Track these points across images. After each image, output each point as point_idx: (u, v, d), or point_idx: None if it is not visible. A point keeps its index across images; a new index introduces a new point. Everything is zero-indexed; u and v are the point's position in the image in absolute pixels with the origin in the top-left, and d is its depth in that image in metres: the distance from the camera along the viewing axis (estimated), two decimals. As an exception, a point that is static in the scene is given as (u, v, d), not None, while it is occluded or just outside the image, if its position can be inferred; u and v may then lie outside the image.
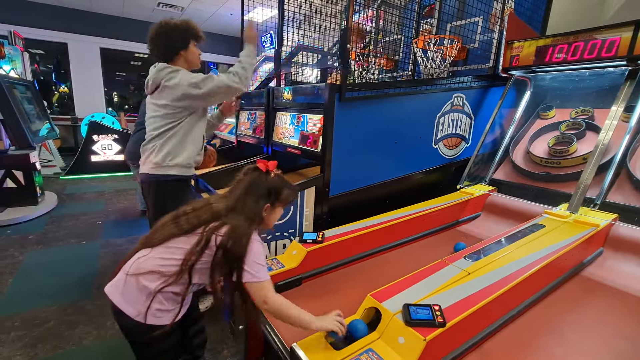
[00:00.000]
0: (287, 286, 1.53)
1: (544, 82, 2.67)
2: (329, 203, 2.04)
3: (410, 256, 1.85)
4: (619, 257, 1.69)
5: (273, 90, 2.55)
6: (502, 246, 1.55)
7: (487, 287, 1.22)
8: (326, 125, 1.94)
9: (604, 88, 2.31)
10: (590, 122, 2.30)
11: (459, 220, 2.26)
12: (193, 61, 1.70)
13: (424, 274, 1.31)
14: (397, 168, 2.36)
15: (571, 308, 1.38)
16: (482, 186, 2.44)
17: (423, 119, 2.41)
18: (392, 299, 1.15)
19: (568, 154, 2.25)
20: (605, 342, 1.19)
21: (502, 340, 1.19)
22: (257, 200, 1.09)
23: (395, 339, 1.02)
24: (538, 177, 2.30)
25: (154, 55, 1.64)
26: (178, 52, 1.63)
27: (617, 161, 1.98)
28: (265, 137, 2.60)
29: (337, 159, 2.00)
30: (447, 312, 1.07)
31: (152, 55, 1.64)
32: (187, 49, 1.65)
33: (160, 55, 1.62)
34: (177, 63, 1.64)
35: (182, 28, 1.62)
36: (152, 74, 1.60)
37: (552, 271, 1.48)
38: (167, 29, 1.60)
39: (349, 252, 1.75)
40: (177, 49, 1.63)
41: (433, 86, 2.38)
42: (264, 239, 1.86)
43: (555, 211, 1.89)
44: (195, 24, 1.68)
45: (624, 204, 1.86)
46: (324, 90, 1.92)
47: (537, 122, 2.59)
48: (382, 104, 2.14)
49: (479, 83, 2.65)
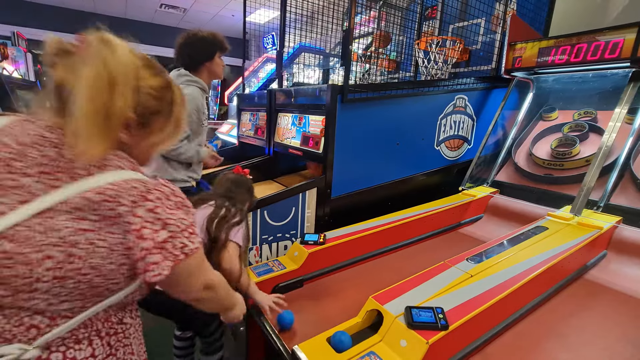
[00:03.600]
0: (289, 288, 1.53)
1: (547, 83, 2.66)
2: (330, 204, 2.04)
3: (412, 258, 1.84)
4: (623, 260, 1.67)
5: (275, 91, 2.55)
6: (504, 248, 1.54)
7: (490, 289, 1.21)
8: (328, 127, 1.94)
9: (607, 90, 2.29)
10: (593, 124, 2.29)
11: (461, 222, 2.25)
12: (216, 72, 1.73)
13: (426, 276, 1.30)
14: (399, 169, 2.35)
15: (575, 312, 1.37)
16: (485, 188, 2.43)
17: (425, 120, 2.41)
18: (394, 301, 1.15)
19: (571, 156, 2.23)
20: (609, 348, 1.18)
21: (505, 343, 1.18)
22: None
23: (397, 341, 1.02)
24: (541, 179, 2.29)
25: (179, 63, 1.67)
26: (202, 63, 1.66)
27: (620, 163, 1.97)
28: (267, 139, 2.60)
29: (339, 160, 2.00)
30: (450, 315, 1.06)
31: (176, 62, 1.68)
32: (212, 61, 1.68)
33: (184, 64, 1.66)
34: (201, 73, 1.68)
35: (209, 40, 1.65)
36: (173, 76, 1.63)
37: (556, 274, 1.47)
38: (194, 40, 1.63)
39: (350, 254, 1.75)
40: (202, 61, 1.66)
41: (435, 87, 2.38)
42: (266, 240, 1.86)
43: (558, 213, 1.88)
44: (222, 35, 1.70)
45: (627, 206, 1.85)
46: (326, 91, 1.92)
47: (540, 124, 2.58)
48: (384, 105, 2.14)
49: (481, 84, 2.65)
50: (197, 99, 1.62)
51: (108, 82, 0.54)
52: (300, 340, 1.08)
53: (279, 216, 1.88)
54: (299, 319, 1.36)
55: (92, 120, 0.53)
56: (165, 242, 0.56)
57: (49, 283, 0.52)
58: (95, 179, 0.54)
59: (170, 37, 7.72)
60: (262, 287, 1.46)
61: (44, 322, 0.54)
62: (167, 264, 0.55)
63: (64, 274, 0.52)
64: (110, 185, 0.54)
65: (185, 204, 0.61)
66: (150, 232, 0.55)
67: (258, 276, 1.50)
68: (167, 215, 0.57)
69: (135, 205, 0.54)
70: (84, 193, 0.52)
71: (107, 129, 0.55)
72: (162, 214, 0.56)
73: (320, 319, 1.33)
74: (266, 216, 1.82)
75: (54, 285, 0.52)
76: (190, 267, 0.61)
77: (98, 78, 0.53)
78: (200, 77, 1.67)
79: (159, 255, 0.55)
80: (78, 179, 0.53)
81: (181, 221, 0.58)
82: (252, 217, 1.78)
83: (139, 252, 0.55)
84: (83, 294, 0.55)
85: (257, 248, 1.84)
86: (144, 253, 0.55)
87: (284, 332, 1.26)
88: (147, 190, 0.56)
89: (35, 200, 0.51)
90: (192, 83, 1.63)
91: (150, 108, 0.62)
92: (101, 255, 0.54)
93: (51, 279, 0.52)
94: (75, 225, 0.52)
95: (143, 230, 0.54)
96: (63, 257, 0.51)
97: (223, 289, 0.76)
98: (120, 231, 0.55)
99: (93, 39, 0.56)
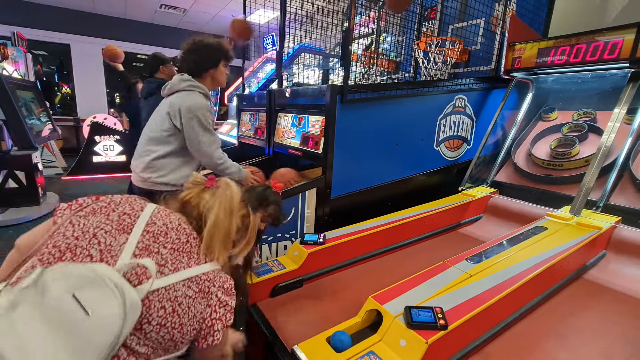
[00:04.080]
0: (288, 288, 1.53)
1: (546, 84, 2.67)
2: (330, 204, 2.04)
3: (411, 258, 1.84)
4: (622, 259, 1.68)
5: (274, 92, 2.55)
6: (504, 248, 1.54)
7: (489, 289, 1.21)
8: (328, 127, 1.94)
9: (607, 90, 2.30)
10: (592, 124, 2.30)
11: (461, 222, 2.25)
12: (219, 80, 1.73)
13: (426, 276, 1.31)
14: (399, 170, 2.36)
15: (574, 312, 1.37)
16: (484, 188, 2.44)
17: (425, 120, 2.41)
18: (394, 301, 1.15)
19: (570, 156, 2.24)
20: (608, 347, 1.18)
21: (505, 343, 1.19)
22: None
23: (396, 341, 1.02)
24: (540, 179, 2.29)
25: (183, 69, 1.66)
26: (207, 70, 1.66)
27: (619, 163, 1.97)
28: (267, 139, 2.60)
29: (339, 160, 2.00)
30: (449, 315, 1.06)
31: (181, 69, 1.67)
32: (217, 68, 1.68)
33: (189, 69, 1.65)
34: (204, 79, 1.67)
35: (215, 47, 1.65)
36: (175, 81, 1.63)
37: (555, 274, 1.47)
38: (200, 46, 1.62)
39: (350, 254, 1.75)
40: (207, 68, 1.66)
41: (434, 88, 2.38)
42: (265, 240, 1.86)
43: (557, 213, 1.88)
44: (228, 44, 1.70)
45: (627, 206, 1.85)
46: (326, 91, 1.92)
47: (539, 124, 2.58)
48: (384, 105, 2.14)
49: (480, 85, 2.65)
50: (204, 102, 1.61)
51: (230, 211, 0.84)
52: (299, 340, 1.08)
53: (278, 216, 1.88)
54: (298, 318, 1.36)
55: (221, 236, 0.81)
56: (223, 316, 0.77)
57: (153, 327, 0.66)
58: (205, 266, 0.77)
59: (170, 38, 7.79)
60: (261, 287, 1.47)
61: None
62: (221, 332, 0.76)
63: (164, 323, 0.67)
64: (209, 273, 0.77)
65: (233, 291, 0.81)
66: (219, 308, 0.76)
67: (258, 276, 1.50)
68: (226, 298, 0.79)
69: (218, 289, 0.77)
70: (200, 274, 0.75)
71: (228, 243, 0.83)
72: (225, 298, 0.78)
73: (319, 318, 1.34)
74: (266, 216, 1.82)
75: (153, 329, 0.66)
76: (224, 337, 0.80)
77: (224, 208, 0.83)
78: (204, 84, 1.66)
79: (220, 325, 0.76)
80: (196, 264, 0.76)
81: (232, 303, 0.80)
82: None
83: (210, 320, 0.74)
84: (162, 343, 0.68)
85: (256, 248, 1.84)
86: (214, 322, 0.75)
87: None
88: (225, 280, 0.80)
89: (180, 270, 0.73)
90: (194, 89, 1.61)
91: (240, 230, 0.88)
92: (189, 317, 0.70)
93: (156, 325, 0.66)
94: (185, 291, 0.71)
95: (216, 307, 0.76)
96: (169, 310, 0.68)
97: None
98: (205, 304, 0.74)
99: (221, 182, 0.88)
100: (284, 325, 1.31)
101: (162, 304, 0.67)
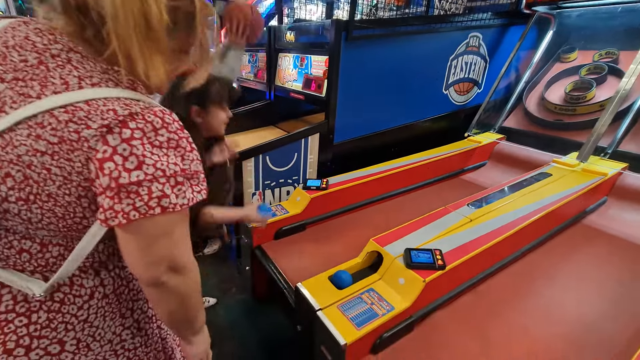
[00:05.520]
0: (291, 231, 1.57)
1: (570, 19, 2.44)
2: (333, 150, 2.01)
3: (413, 203, 1.86)
4: (622, 205, 1.69)
5: (275, 29, 2.37)
6: (505, 194, 1.55)
7: (487, 233, 1.24)
8: (331, 68, 1.83)
9: (635, 27, 2.10)
10: (613, 65, 2.15)
11: (464, 168, 2.23)
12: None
13: (427, 221, 1.33)
14: (405, 115, 2.28)
15: (569, 255, 1.42)
16: (491, 134, 2.38)
17: (435, 61, 2.26)
18: (394, 243, 1.18)
19: (585, 100, 2.13)
20: (600, 288, 1.24)
21: (498, 283, 1.25)
22: None
23: (395, 280, 1.07)
24: (551, 125, 2.21)
25: None
26: None
27: (635, 108, 1.88)
28: (268, 82, 2.48)
29: (343, 104, 1.92)
30: (448, 256, 1.10)
31: None
32: None
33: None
34: None
35: None
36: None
37: (553, 219, 1.49)
38: None
39: (352, 199, 1.77)
40: None
41: (448, 24, 2.19)
42: (268, 185, 1.88)
43: (564, 160, 1.85)
44: None
45: (636, 152, 1.81)
46: (330, 27, 1.78)
47: (556, 66, 2.42)
48: (392, 44, 1.99)
49: (498, 21, 2.43)
50: None
51: None
52: (303, 278, 1.13)
53: (281, 162, 1.87)
54: (301, 260, 1.42)
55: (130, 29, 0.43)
56: (134, 184, 0.43)
57: (16, 205, 0.45)
58: (74, 94, 0.43)
59: None
60: (265, 229, 1.51)
61: (34, 247, 0.50)
62: (133, 214, 0.43)
63: (26, 197, 0.44)
64: (83, 104, 0.42)
65: (182, 144, 0.47)
66: (115, 167, 0.42)
67: (262, 220, 1.54)
68: (148, 151, 0.43)
69: (108, 131, 0.42)
70: (54, 110, 0.42)
71: (153, 43, 0.45)
72: (139, 150, 0.43)
73: (322, 260, 1.39)
74: (268, 162, 1.81)
75: (21, 208, 0.45)
76: (164, 227, 0.47)
77: None
78: None
79: (117, 200, 0.43)
80: (54, 93, 0.43)
81: (169, 165, 0.45)
82: (253, 162, 1.77)
83: (98, 188, 0.44)
84: (53, 223, 0.47)
85: (259, 193, 1.87)
86: (99, 191, 0.44)
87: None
88: (130, 114, 0.43)
89: (4, 114, 0.43)
90: None
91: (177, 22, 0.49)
92: (56, 185, 0.44)
93: (15, 200, 0.45)
94: (32, 144, 0.42)
95: (106, 162, 0.42)
96: (21, 178, 0.43)
97: (194, 285, 0.57)
98: (82, 159, 0.43)
99: None
100: (287, 265, 1.37)
101: (5, 170, 0.43)
